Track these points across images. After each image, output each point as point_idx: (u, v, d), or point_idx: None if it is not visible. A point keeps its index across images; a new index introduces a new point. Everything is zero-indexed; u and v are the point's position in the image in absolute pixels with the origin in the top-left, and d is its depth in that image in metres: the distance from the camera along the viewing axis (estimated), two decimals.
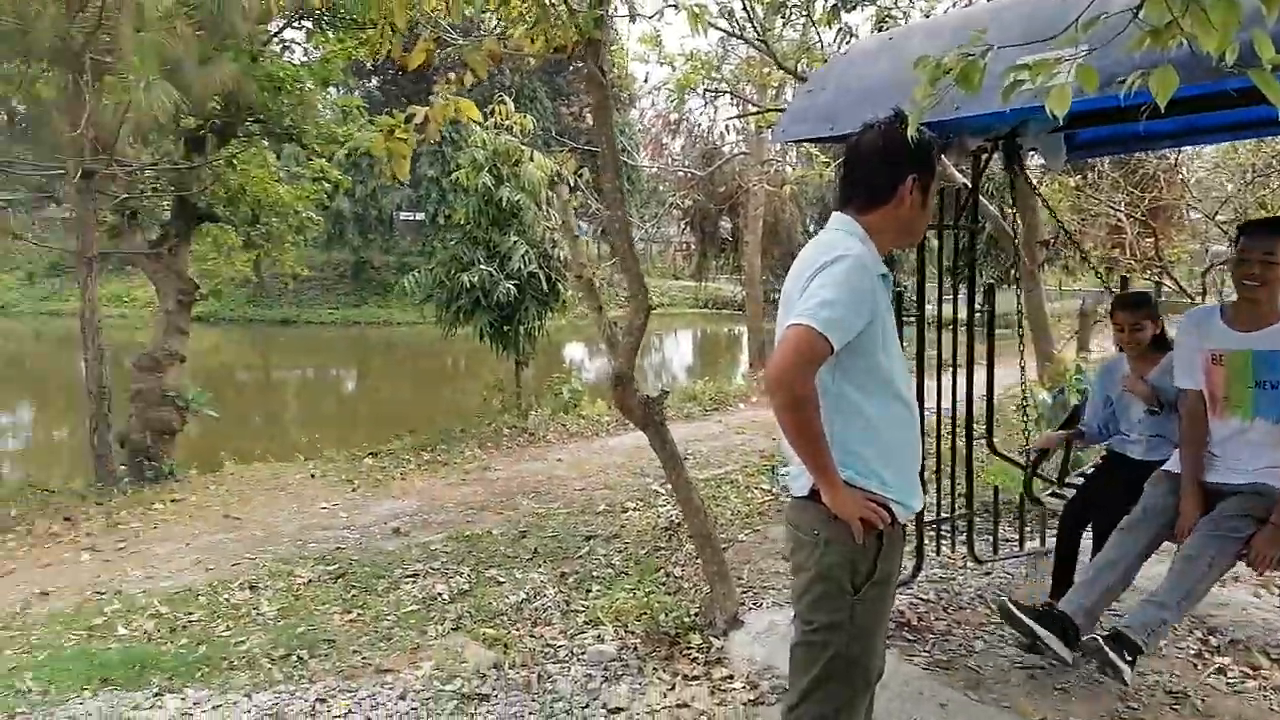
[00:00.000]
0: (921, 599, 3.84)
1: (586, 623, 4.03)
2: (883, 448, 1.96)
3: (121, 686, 3.57)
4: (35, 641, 4.18)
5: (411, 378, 22.73)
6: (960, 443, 4.02)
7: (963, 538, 4.21)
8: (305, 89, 8.21)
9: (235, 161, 8.72)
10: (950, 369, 4.00)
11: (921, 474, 2.14)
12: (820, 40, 7.41)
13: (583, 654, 3.66)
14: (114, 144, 6.36)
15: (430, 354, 26.18)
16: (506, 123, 8.34)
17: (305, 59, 9.97)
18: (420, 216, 32.22)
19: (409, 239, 34.63)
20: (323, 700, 3.35)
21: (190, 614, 4.45)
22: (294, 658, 3.79)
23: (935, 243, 3.99)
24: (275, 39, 8.85)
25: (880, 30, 6.20)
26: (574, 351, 24.65)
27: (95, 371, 7.15)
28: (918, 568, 3.86)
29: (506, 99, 7.30)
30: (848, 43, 6.69)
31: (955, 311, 3.98)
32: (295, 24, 8.95)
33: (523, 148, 9.27)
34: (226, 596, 4.66)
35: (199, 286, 9.12)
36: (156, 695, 3.45)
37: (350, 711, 3.26)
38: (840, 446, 1.90)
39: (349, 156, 10.70)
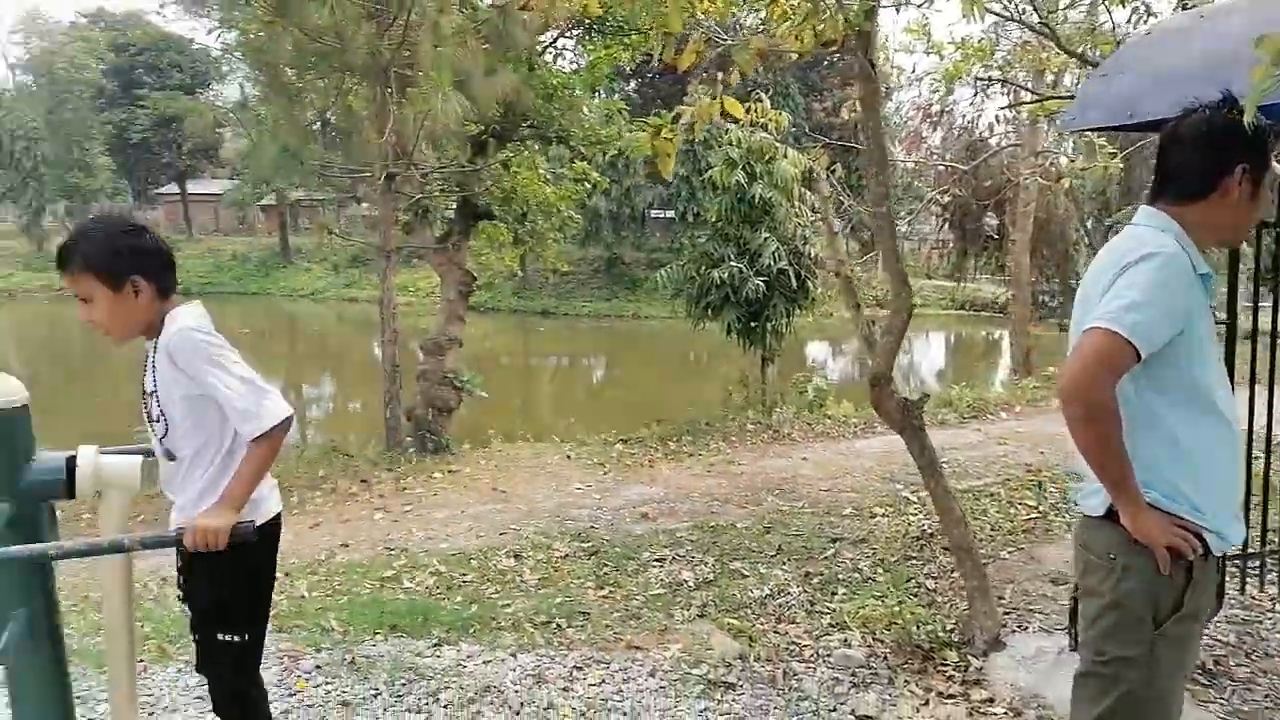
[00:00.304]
0: (1219, 640, 3.42)
1: (832, 625, 3.97)
2: (1193, 468, 1.76)
3: (407, 634, 3.98)
4: (337, 586, 4.76)
5: (656, 369, 23.44)
6: (1274, 468, 3.53)
7: (1272, 576, 3.70)
8: (574, 94, 8.72)
9: (510, 164, 9.42)
10: (1263, 385, 3.52)
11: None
12: (1111, 20, 6.76)
13: (829, 656, 3.62)
14: (411, 149, 7.09)
15: (675, 347, 26.87)
16: (762, 120, 8.38)
17: (574, 65, 10.58)
18: (670, 214, 33.11)
19: (659, 236, 35.71)
20: (579, 668, 3.56)
21: (464, 575, 4.87)
22: (553, 625, 4.05)
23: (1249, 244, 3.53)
24: (549, 48, 9.44)
25: (1185, 7, 5.55)
26: (817, 350, 24.28)
27: (389, 352, 8.02)
28: (1217, 606, 3.44)
29: (763, 96, 7.31)
30: (1144, 22, 6.06)
31: (1275, 320, 3.50)
32: (567, 33, 9.50)
33: (776, 145, 9.26)
34: (494, 562, 5.06)
35: (476, 278, 9.97)
36: (436, 645, 3.83)
37: (604, 682, 3.43)
38: (1143, 464, 1.73)
39: (607, 157, 11.19)
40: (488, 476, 7.41)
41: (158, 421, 2.21)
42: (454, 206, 10.04)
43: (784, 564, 4.89)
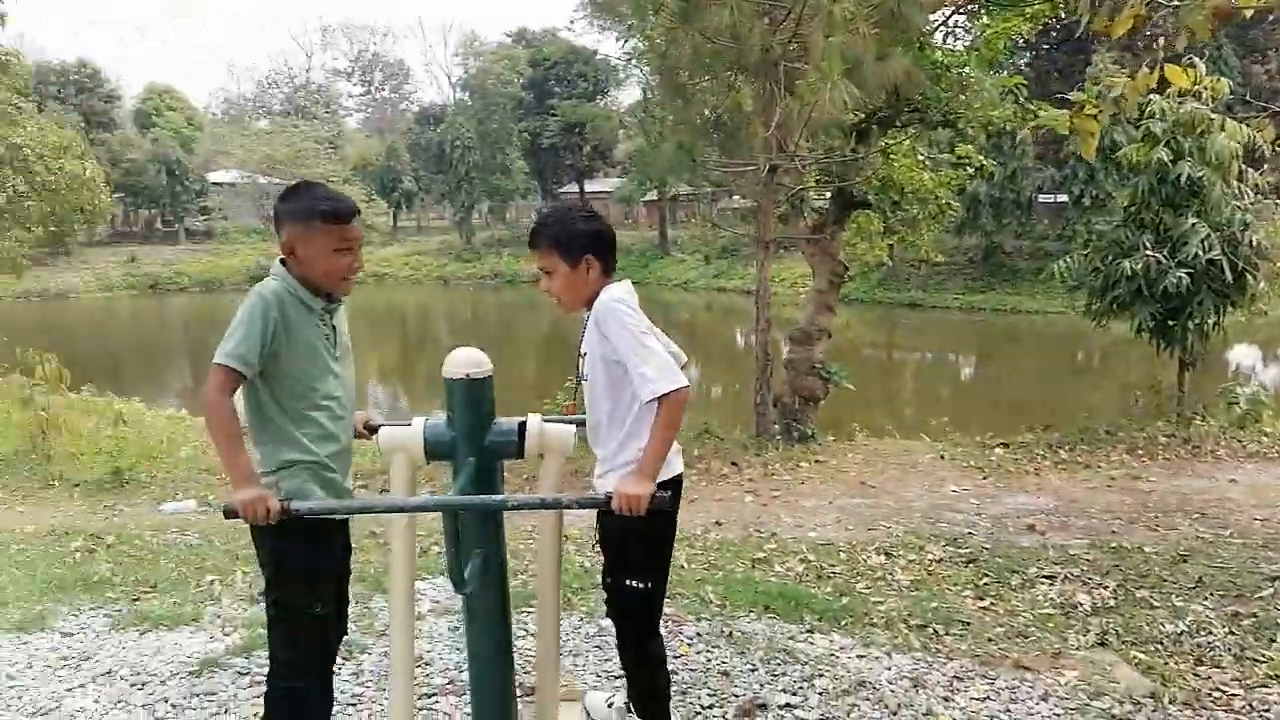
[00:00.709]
0: None
1: (1270, 676, 3.39)
2: None
3: (779, 616, 4.07)
4: (713, 561, 5.00)
5: (1038, 369, 21.60)
6: None
7: None
8: (965, 73, 8.23)
9: (890, 151, 9.15)
10: None
11: None
12: None
13: (1266, 711, 3.10)
14: (795, 142, 7.18)
15: (1059, 346, 24.54)
16: (1194, 88, 7.29)
17: (963, 43, 9.98)
18: (1063, 198, 30.14)
19: (1046, 223, 32.70)
20: (959, 679, 3.39)
21: (833, 566, 4.87)
22: (930, 630, 3.90)
23: None
24: (940, 26, 9.01)
25: None
26: (1243, 355, 20.78)
27: (763, 340, 8.23)
28: None
29: (1196, 60, 6.35)
30: None
31: None
32: (962, 8, 8.99)
33: (1211, 116, 7.99)
34: (864, 557, 5.00)
35: (847, 268, 9.86)
36: (809, 632, 3.87)
37: (988, 698, 3.24)
38: None
39: (990, 138, 10.32)
40: (854, 470, 7.33)
41: (585, 380, 2.51)
42: (828, 196, 10.00)
43: (1204, 599, 4.25)
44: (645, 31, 8.07)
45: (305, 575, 2.35)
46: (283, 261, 2.37)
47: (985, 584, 4.56)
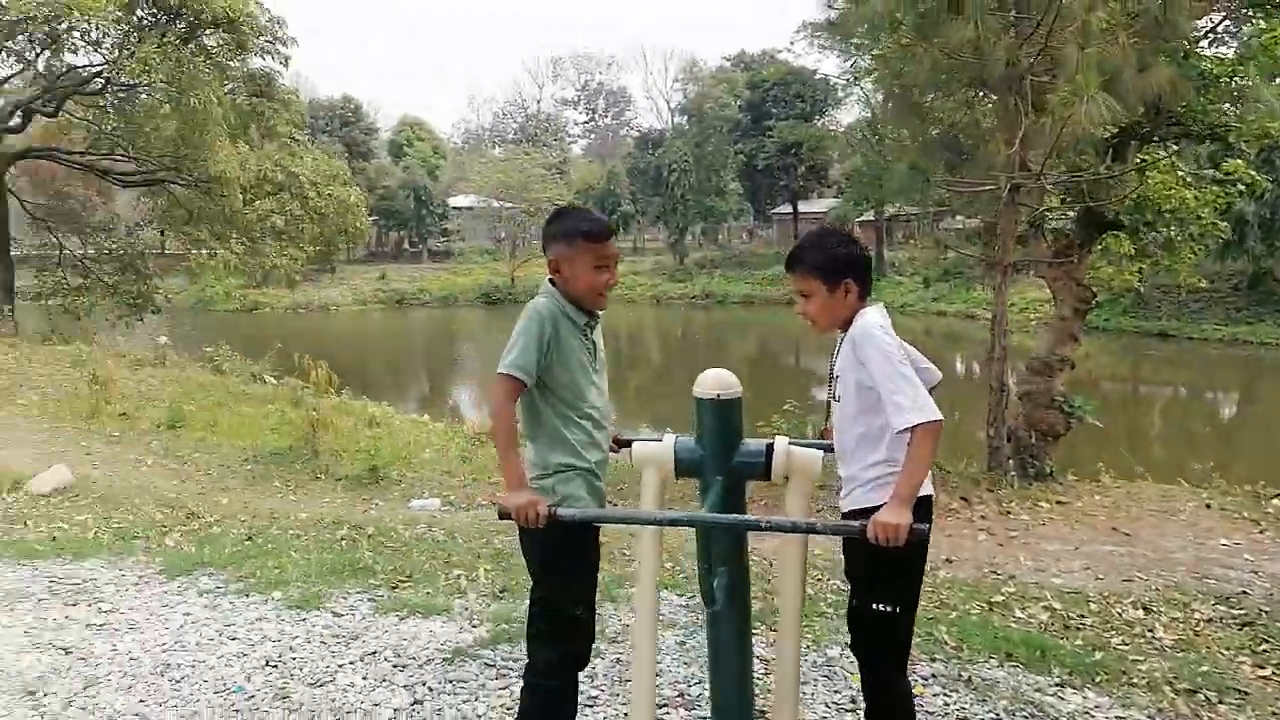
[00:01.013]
0: None
1: None
2: None
3: (1023, 665, 3.81)
4: (944, 600, 4.76)
5: None
6: None
7: None
8: (1240, 83, 7.41)
9: (1149, 168, 8.40)
10: None
11: None
12: None
13: None
14: (1044, 159, 6.75)
15: None
16: None
17: (1232, 48, 9.00)
18: None
19: None
20: None
21: (1082, 616, 4.50)
22: (1200, 696, 3.52)
23: None
24: (1209, 33, 8.19)
25: None
26: None
27: (999, 369, 7.77)
28: None
29: None
30: None
31: None
32: (1237, 13, 8.12)
33: None
34: (1118, 610, 4.58)
35: (1095, 294, 9.12)
36: (1058, 686, 3.60)
37: None
38: None
39: (1261, 152, 9.20)
40: (1104, 514, 6.74)
41: (836, 401, 2.49)
42: (1070, 216, 9.31)
43: None
44: (877, 50, 7.91)
45: (567, 577, 2.48)
46: (551, 281, 2.54)
47: (1264, 650, 4.06)
